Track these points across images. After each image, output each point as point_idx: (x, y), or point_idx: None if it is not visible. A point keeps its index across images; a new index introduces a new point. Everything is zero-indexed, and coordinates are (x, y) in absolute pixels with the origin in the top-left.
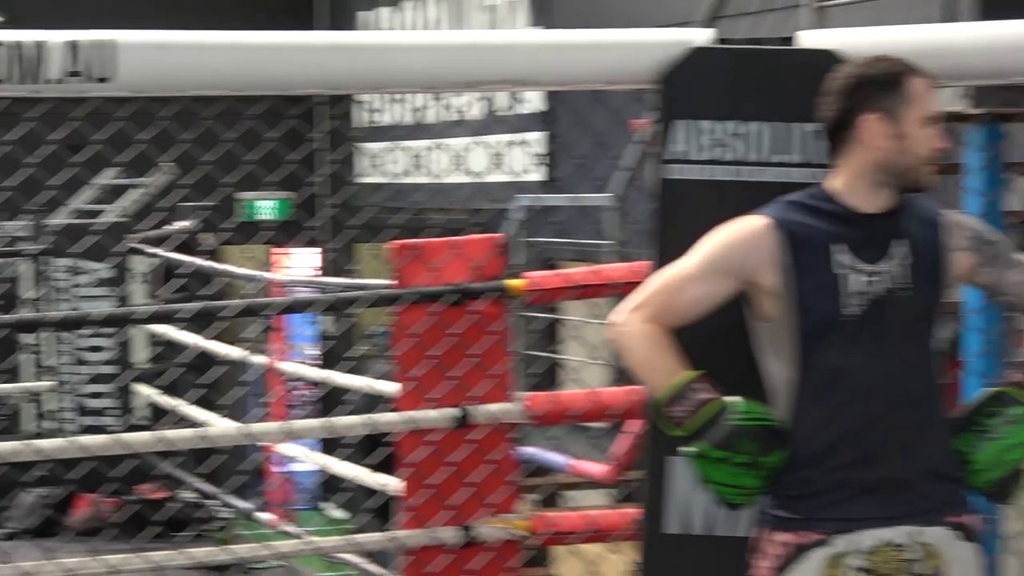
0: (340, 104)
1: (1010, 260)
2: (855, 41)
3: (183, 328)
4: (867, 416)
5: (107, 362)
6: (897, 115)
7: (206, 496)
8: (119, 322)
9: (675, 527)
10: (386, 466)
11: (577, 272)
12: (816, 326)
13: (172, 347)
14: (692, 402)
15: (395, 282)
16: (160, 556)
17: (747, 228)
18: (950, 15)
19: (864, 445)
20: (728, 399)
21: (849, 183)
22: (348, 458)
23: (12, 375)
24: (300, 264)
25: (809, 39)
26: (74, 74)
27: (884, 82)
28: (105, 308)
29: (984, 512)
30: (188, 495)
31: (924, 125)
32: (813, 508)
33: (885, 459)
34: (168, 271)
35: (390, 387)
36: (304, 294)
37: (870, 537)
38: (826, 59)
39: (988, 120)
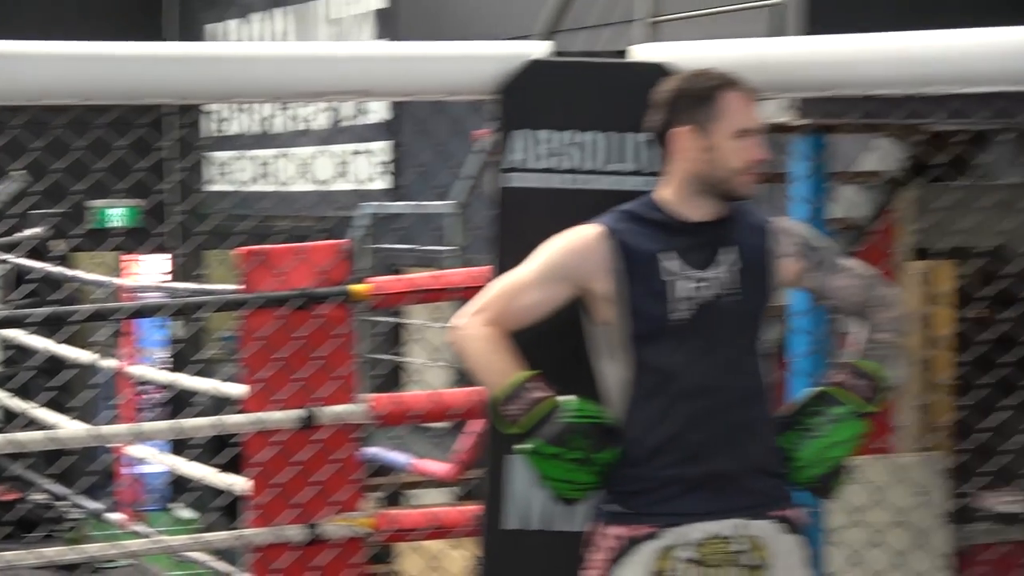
0: (188, 114)
1: (836, 265)
2: (685, 55)
3: (33, 332)
4: (695, 415)
5: None
6: (708, 128)
7: (57, 497)
8: None
9: (514, 523)
10: (234, 466)
11: (420, 277)
12: (646, 330)
13: (23, 351)
14: (526, 400)
15: (242, 287)
16: (11, 556)
17: (581, 237)
18: (777, 30)
19: (692, 443)
20: (561, 398)
21: (675, 193)
22: (196, 459)
23: None
24: (150, 270)
25: (641, 53)
26: None
27: (697, 96)
28: None
29: (808, 506)
30: (39, 496)
31: (736, 137)
32: (645, 503)
33: (712, 456)
34: (19, 277)
35: (238, 389)
36: (153, 299)
37: (699, 530)
38: (656, 72)
39: (812, 131)
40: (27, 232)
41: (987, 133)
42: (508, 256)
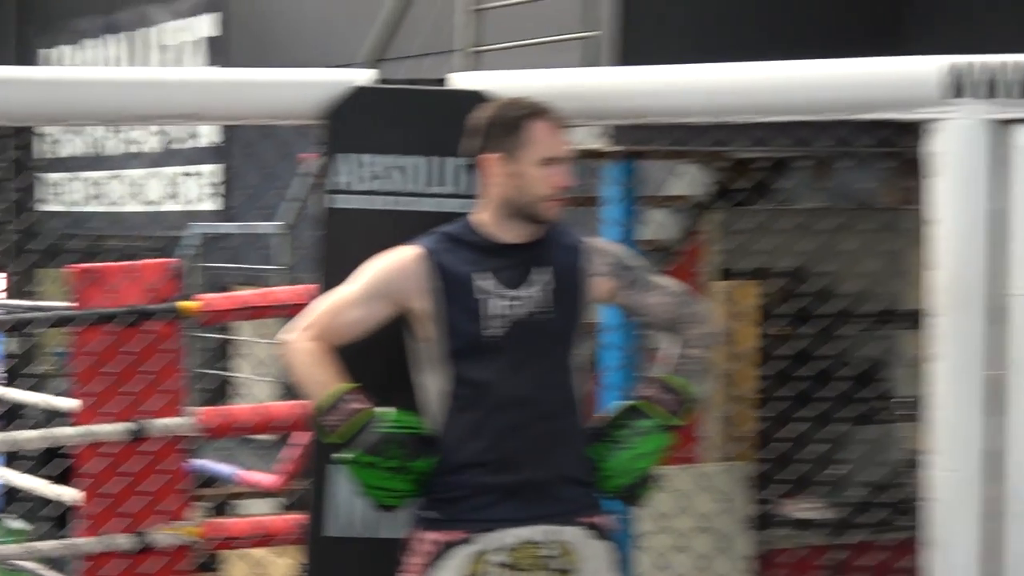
0: (22, 135)
1: (648, 283)
2: (503, 83)
3: None
4: (509, 427)
5: None
6: (515, 156)
7: None
8: None
9: (336, 530)
10: (65, 477)
11: (247, 294)
12: (462, 346)
13: None
14: (344, 412)
15: (74, 304)
16: None
17: (400, 257)
18: (591, 61)
19: (506, 453)
20: (379, 409)
21: (490, 216)
22: (28, 470)
23: None
24: None
25: (461, 81)
26: None
27: (505, 125)
28: None
29: (617, 513)
30: None
31: (543, 165)
32: (460, 510)
33: (525, 465)
34: None
35: (69, 403)
36: None
37: (511, 536)
38: (475, 99)
39: (623, 157)
40: None
41: (787, 160)
42: (333, 275)
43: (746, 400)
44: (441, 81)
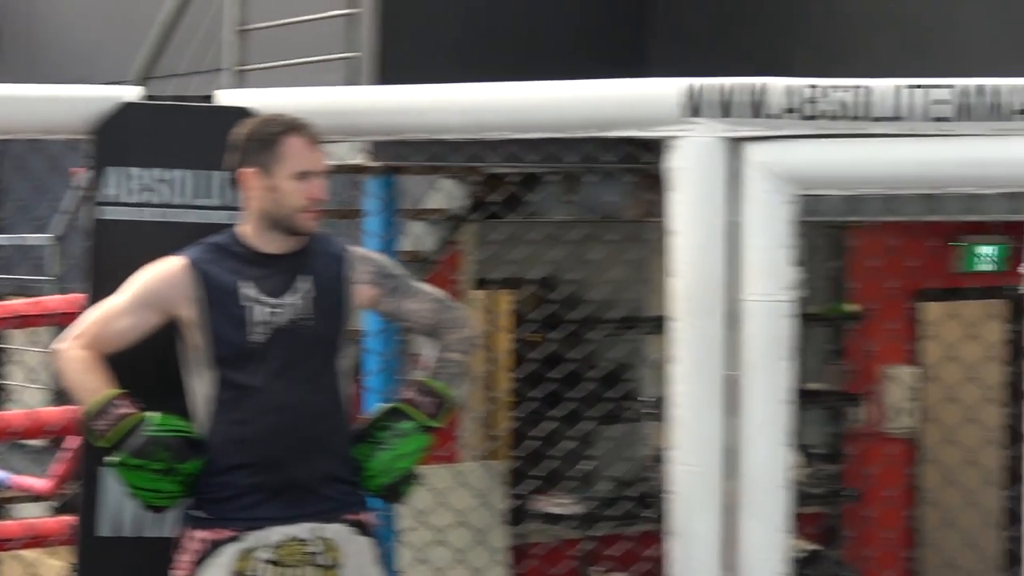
0: None
1: (409, 290)
2: (267, 101)
3: None
4: (273, 429)
5: None
6: (271, 170)
7: None
8: None
9: (107, 530)
10: None
11: (18, 304)
12: (227, 352)
13: None
14: (112, 416)
15: None
16: None
17: (166, 268)
18: (352, 80)
19: (270, 454)
20: (147, 413)
21: (252, 227)
22: None
23: None
24: None
25: (226, 98)
26: None
27: (262, 140)
28: None
29: (379, 510)
30: None
31: (297, 179)
32: (227, 509)
33: (290, 466)
34: None
35: None
36: None
37: (277, 533)
38: (240, 115)
39: (383, 172)
40: None
41: (537, 175)
42: (102, 285)
43: (501, 401)
44: (208, 98)
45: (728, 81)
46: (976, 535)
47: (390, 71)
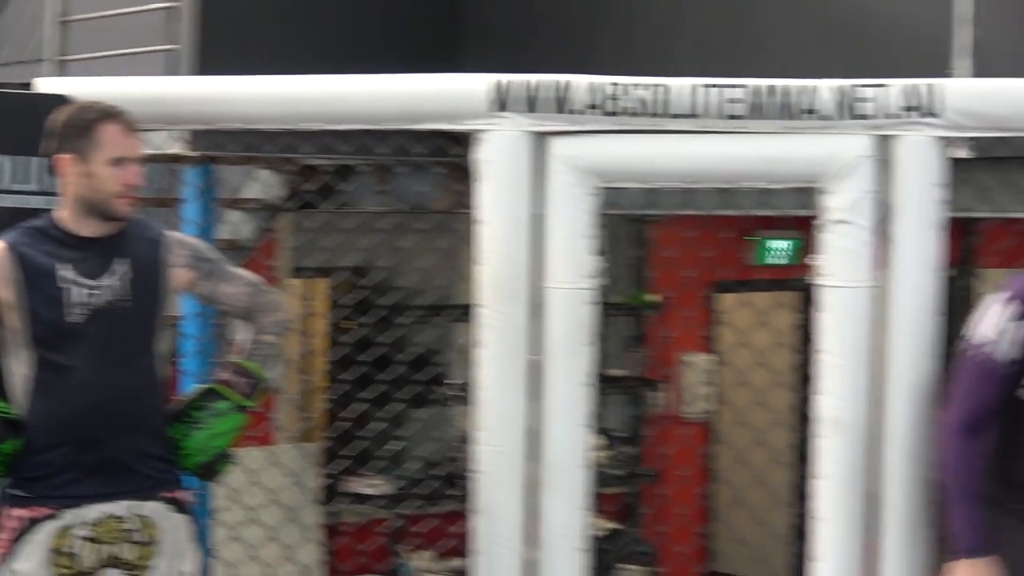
0: None
1: (225, 274)
2: (87, 89)
3: None
4: (90, 408)
5: None
6: (87, 156)
7: None
8: None
9: None
10: None
11: None
12: (44, 332)
13: None
14: None
15: None
16: None
17: None
18: (172, 70)
19: (87, 432)
20: None
21: (69, 212)
22: None
23: None
24: None
25: (46, 86)
26: None
27: (77, 127)
28: None
29: (195, 489)
30: None
31: (113, 165)
32: (45, 487)
33: (106, 444)
34: None
35: None
36: None
37: (94, 511)
38: (59, 103)
39: (201, 161)
40: None
41: (351, 166)
42: None
43: (315, 384)
44: (27, 86)
45: (535, 78)
46: (765, 512)
47: (209, 64)
